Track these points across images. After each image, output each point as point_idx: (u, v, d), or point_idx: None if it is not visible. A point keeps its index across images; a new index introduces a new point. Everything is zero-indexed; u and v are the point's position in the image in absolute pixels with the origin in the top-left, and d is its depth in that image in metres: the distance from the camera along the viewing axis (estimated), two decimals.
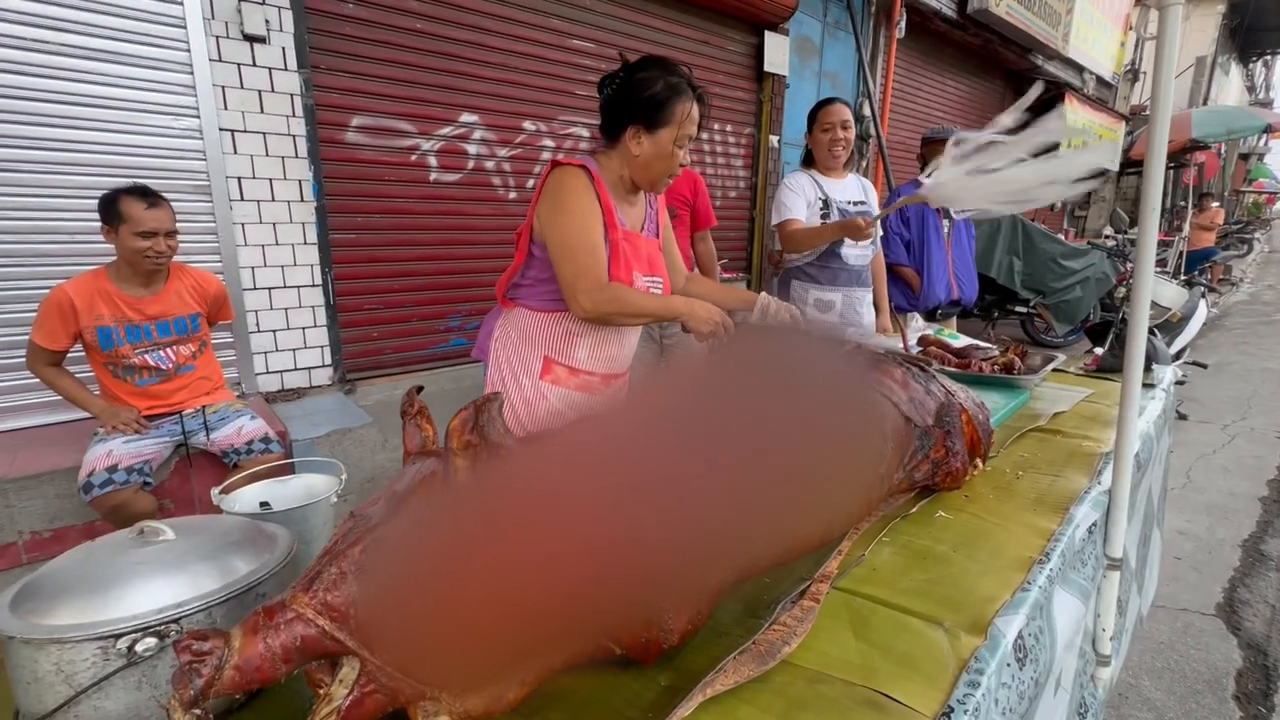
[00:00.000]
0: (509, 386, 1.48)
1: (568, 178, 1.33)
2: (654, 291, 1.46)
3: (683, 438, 0.73)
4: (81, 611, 0.58)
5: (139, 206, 2.00)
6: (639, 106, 1.31)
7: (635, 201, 1.47)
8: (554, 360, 1.44)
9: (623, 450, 0.70)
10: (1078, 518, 0.96)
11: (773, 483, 0.76)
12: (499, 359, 1.51)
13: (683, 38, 4.39)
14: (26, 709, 0.57)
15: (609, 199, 1.37)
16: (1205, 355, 5.68)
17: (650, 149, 1.33)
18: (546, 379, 1.45)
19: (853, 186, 2.42)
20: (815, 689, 0.63)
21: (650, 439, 0.73)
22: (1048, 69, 8.46)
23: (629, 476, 0.66)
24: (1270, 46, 19.78)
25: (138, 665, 0.56)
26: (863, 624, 0.73)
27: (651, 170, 1.36)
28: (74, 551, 0.67)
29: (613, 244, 1.36)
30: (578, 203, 1.32)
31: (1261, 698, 1.84)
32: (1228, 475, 3.34)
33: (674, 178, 1.42)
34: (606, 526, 0.62)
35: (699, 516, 0.67)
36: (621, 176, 1.40)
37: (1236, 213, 18.98)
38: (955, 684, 0.63)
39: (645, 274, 1.43)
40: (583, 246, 1.31)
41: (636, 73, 1.33)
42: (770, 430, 0.79)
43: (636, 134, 1.32)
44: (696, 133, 1.36)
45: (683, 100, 1.31)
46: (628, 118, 1.33)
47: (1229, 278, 10.58)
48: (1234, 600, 2.30)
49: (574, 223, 1.32)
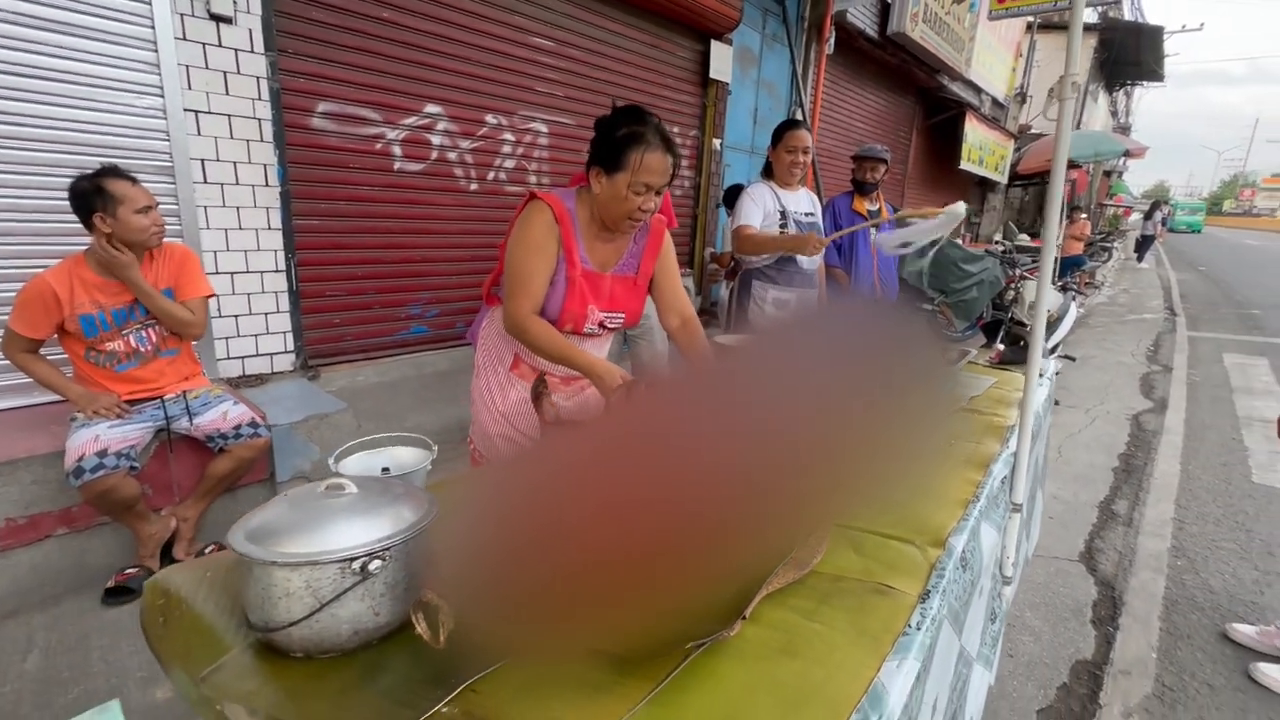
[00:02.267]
0: (487, 372, 1.67)
1: (534, 212, 1.44)
2: (611, 324, 1.56)
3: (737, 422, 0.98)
4: (306, 544, 0.75)
5: (126, 185, 2.00)
6: (600, 149, 1.39)
7: (611, 239, 1.52)
8: (521, 358, 1.61)
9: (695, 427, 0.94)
10: (995, 472, 1.30)
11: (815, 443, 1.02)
12: (484, 346, 1.69)
13: (637, 41, 4.60)
14: (274, 620, 0.73)
15: (572, 237, 1.44)
16: (1074, 350, 6.60)
17: (607, 190, 1.39)
18: (515, 372, 1.63)
19: (805, 199, 2.74)
20: (837, 585, 0.90)
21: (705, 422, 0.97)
22: (952, 89, 9.33)
23: (713, 449, 0.90)
24: (1130, 78, 22.47)
25: (365, 581, 0.74)
26: (859, 546, 1.01)
27: (609, 211, 1.42)
28: (276, 502, 0.82)
29: (569, 280, 1.45)
30: (532, 236, 1.42)
31: (1110, 620, 2.35)
32: (1089, 450, 4.01)
33: (637, 222, 1.44)
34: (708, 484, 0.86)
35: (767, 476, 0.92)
36: (590, 214, 1.47)
37: (1100, 224, 21.52)
38: (928, 578, 0.92)
39: (604, 309, 1.52)
40: (520, 274, 1.42)
41: (609, 118, 1.40)
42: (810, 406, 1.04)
43: (598, 175, 1.40)
44: (664, 181, 1.39)
45: (639, 148, 1.34)
46: (592, 159, 1.42)
47: (1093, 282, 12.10)
48: (1092, 549, 2.86)
49: (520, 252, 1.42)
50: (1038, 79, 13.57)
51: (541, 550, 0.73)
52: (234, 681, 0.73)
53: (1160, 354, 6.85)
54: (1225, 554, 2.83)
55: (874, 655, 0.76)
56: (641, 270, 1.57)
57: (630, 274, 1.56)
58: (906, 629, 0.81)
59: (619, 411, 0.90)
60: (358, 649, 0.77)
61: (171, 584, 0.92)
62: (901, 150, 9.69)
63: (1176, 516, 3.16)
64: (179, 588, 0.91)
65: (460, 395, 3.39)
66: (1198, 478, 3.64)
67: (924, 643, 0.80)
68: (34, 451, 2.05)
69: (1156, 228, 16.79)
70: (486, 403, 1.66)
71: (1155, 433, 4.36)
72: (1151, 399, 5.18)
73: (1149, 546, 2.86)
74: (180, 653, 0.83)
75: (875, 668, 0.73)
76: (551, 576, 0.73)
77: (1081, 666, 2.11)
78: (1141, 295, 11.69)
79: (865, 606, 0.86)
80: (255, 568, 0.73)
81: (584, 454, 0.80)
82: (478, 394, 1.69)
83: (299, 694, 0.71)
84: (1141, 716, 1.89)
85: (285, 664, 0.75)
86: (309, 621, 0.73)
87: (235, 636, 0.81)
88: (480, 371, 1.69)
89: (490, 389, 1.65)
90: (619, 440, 0.86)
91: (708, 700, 0.69)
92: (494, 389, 1.65)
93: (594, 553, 0.74)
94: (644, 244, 1.57)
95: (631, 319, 1.60)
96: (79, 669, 1.80)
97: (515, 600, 0.72)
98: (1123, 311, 9.78)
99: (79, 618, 2.00)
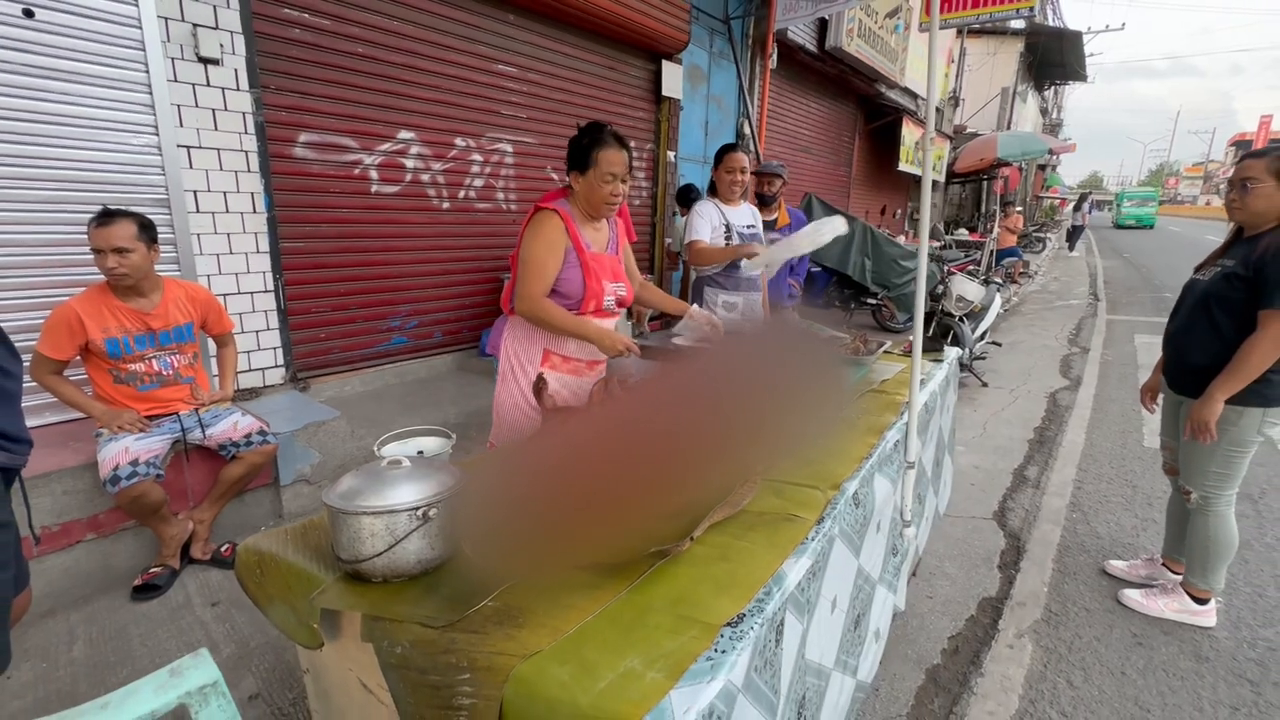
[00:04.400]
0: (516, 373, 1.97)
1: (544, 218, 1.84)
2: (619, 294, 1.98)
3: (691, 407, 1.33)
4: (382, 499, 1.06)
5: (92, 226, 2.19)
6: (573, 156, 1.85)
7: (599, 227, 1.96)
8: (551, 351, 1.94)
9: (661, 410, 1.28)
10: (889, 437, 1.68)
11: (749, 421, 1.38)
12: (508, 353, 1.98)
13: (593, 64, 4.92)
14: (363, 554, 1.03)
15: (576, 230, 1.86)
16: (1003, 336, 7.21)
17: (584, 186, 1.84)
18: (545, 366, 1.94)
19: (746, 213, 3.12)
20: (760, 518, 1.25)
21: (664, 410, 1.31)
22: (889, 95, 9.94)
23: (672, 426, 1.25)
24: (1057, 78, 23.86)
25: (425, 524, 1.05)
26: (779, 492, 1.37)
27: (591, 201, 1.85)
28: (353, 474, 1.12)
29: (584, 263, 1.86)
30: (544, 235, 1.82)
31: (1014, 565, 2.79)
32: (1010, 425, 4.52)
33: (613, 204, 1.87)
34: (666, 453, 1.20)
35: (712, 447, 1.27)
36: (581, 209, 1.89)
37: (1036, 215, 22.82)
38: (824, 509, 1.28)
39: (611, 282, 1.95)
40: (534, 264, 1.81)
41: (576, 135, 1.86)
42: (749, 393, 1.40)
43: (575, 177, 1.86)
44: (624, 171, 1.83)
45: (599, 148, 1.79)
46: (570, 165, 1.86)
47: (1027, 272, 12.97)
48: (1004, 508, 3.32)
49: (535, 247, 1.82)
50: (970, 82, 14.43)
51: (551, 497, 1.05)
52: (336, 599, 1.04)
53: (1081, 337, 7.53)
54: (1113, 506, 3.32)
55: (780, 556, 1.11)
56: (621, 249, 2.02)
57: (614, 254, 1.99)
58: (804, 541, 1.16)
59: (601, 402, 1.23)
60: (420, 574, 1.08)
61: (261, 547, 1.21)
62: (845, 154, 10.27)
63: (1077, 478, 3.66)
64: (269, 548, 1.21)
65: (443, 400, 3.67)
66: (1098, 445, 4.17)
67: (816, 550, 1.15)
68: (63, 465, 2.26)
69: (1084, 217, 17.98)
70: (519, 403, 1.91)
71: (1068, 407, 4.91)
72: (1069, 378, 5.77)
73: (1051, 504, 3.34)
74: (281, 590, 1.13)
75: (780, 562, 1.09)
76: (559, 515, 1.06)
77: (987, 602, 2.53)
78: (1070, 282, 12.59)
79: (779, 529, 1.21)
80: (349, 517, 1.04)
81: (578, 433, 1.13)
82: (507, 397, 1.94)
83: (385, 601, 1.02)
84: (1030, 637, 2.32)
85: (370, 586, 1.06)
86: (388, 554, 1.04)
87: (326, 574, 1.11)
88: (506, 378, 1.95)
89: (524, 391, 1.90)
90: (603, 422, 1.20)
91: (667, 588, 1.03)
92: (526, 391, 1.90)
93: (588, 495, 1.07)
94: (618, 229, 2.02)
95: (629, 289, 2.01)
96: (123, 653, 2.04)
97: (535, 531, 1.04)
98: (1052, 298, 10.56)
99: (112, 613, 2.23)
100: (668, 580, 1.05)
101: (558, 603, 1.00)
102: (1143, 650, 2.23)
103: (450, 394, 3.79)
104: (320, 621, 1.06)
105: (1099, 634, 2.33)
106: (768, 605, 0.97)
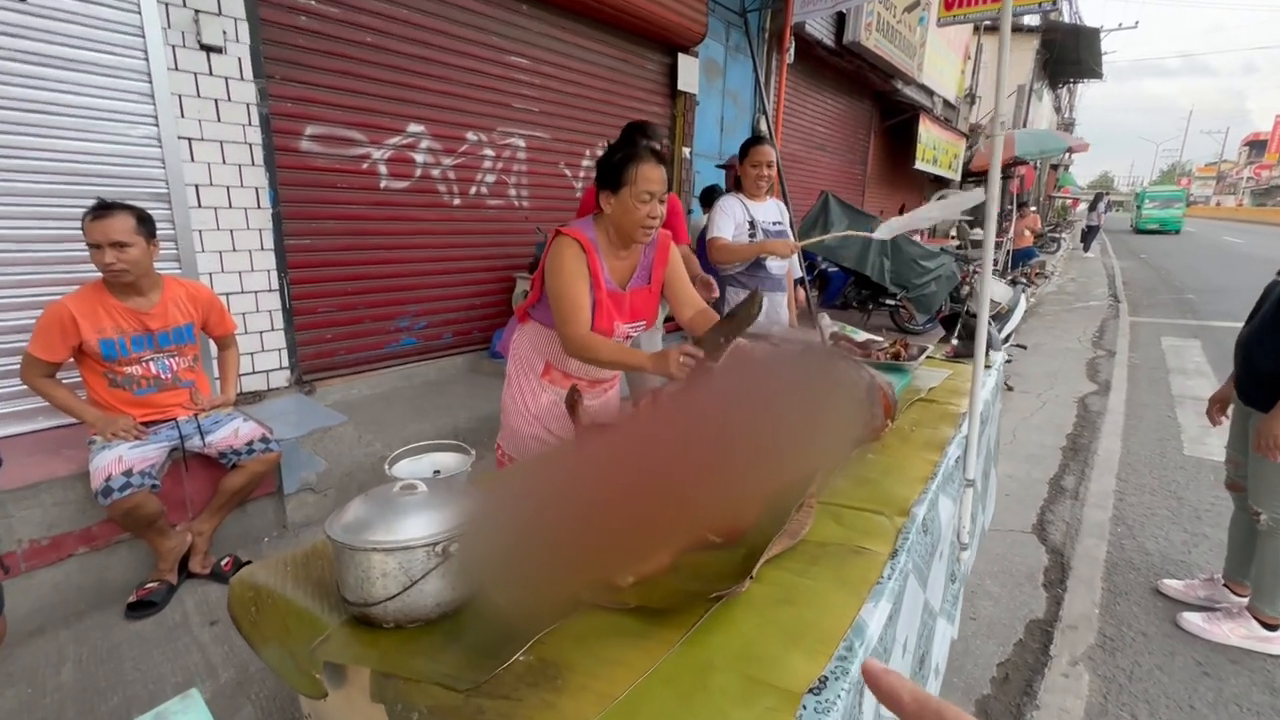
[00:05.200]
0: (520, 379, 1.85)
1: (564, 247, 1.62)
2: (632, 334, 1.78)
3: (731, 423, 1.17)
4: (392, 533, 0.91)
5: (88, 219, 2.05)
6: (604, 175, 1.61)
7: (626, 256, 1.71)
8: (552, 365, 1.81)
9: (700, 426, 1.13)
10: (950, 453, 1.52)
11: (788, 440, 1.22)
12: (516, 357, 1.87)
13: (608, 56, 4.78)
14: (373, 597, 0.89)
15: (597, 262, 1.63)
16: (1025, 338, 7.03)
17: (617, 207, 1.59)
18: (546, 379, 1.82)
19: (772, 209, 2.96)
20: (823, 549, 1.10)
21: (714, 421, 1.16)
22: (906, 92, 9.75)
23: (715, 441, 1.09)
24: (1072, 76, 23.56)
25: (445, 561, 0.91)
26: (839, 518, 1.22)
27: (624, 225, 1.61)
28: (361, 501, 0.97)
29: (598, 301, 1.65)
30: (567, 268, 1.60)
31: (1059, 583, 2.63)
32: (1040, 431, 4.34)
33: (650, 228, 1.61)
34: (711, 467, 1.05)
35: (755, 463, 1.12)
36: (609, 236, 1.67)
37: (1050, 215, 22.54)
38: (896, 540, 1.12)
39: (626, 322, 1.73)
40: (568, 301, 1.60)
41: (606, 150, 1.64)
42: (782, 413, 1.25)
43: (607, 198, 1.61)
44: (663, 189, 1.58)
45: (633, 163, 1.55)
46: (600, 183, 1.63)
47: (1044, 272, 12.73)
48: (1043, 521, 3.14)
49: (563, 284, 1.60)
50: (985, 80, 14.20)
51: (587, 525, 0.90)
52: (341, 650, 0.89)
53: (1104, 339, 7.33)
54: (1159, 520, 3.14)
55: (855, 599, 0.95)
56: (654, 279, 1.78)
57: (644, 285, 1.77)
58: (880, 580, 1.01)
59: (642, 417, 1.08)
60: (439, 618, 0.93)
61: (258, 578, 1.07)
62: (860, 151, 10.09)
63: (1117, 489, 3.48)
64: (266, 581, 1.06)
65: (454, 404, 3.53)
66: (1136, 453, 3.99)
67: (893, 589, 1.00)
68: (54, 474, 2.13)
69: (1100, 217, 17.70)
70: (519, 407, 1.82)
71: (1099, 413, 4.73)
72: (1096, 382, 5.58)
73: (1093, 517, 3.16)
74: (278, 633, 0.98)
75: (857, 608, 0.93)
76: (596, 547, 0.91)
77: (1035, 625, 2.36)
78: (1088, 283, 12.35)
79: (846, 564, 1.05)
80: (357, 554, 0.89)
81: (619, 453, 0.99)
82: (510, 400, 1.86)
83: (398, 653, 0.87)
84: (1086, 664, 2.15)
85: (380, 634, 0.91)
86: (402, 597, 0.89)
87: (329, 615, 0.96)
88: (512, 380, 1.86)
89: (524, 394, 1.82)
90: (642, 442, 1.05)
91: (727, 640, 0.88)
92: (526, 394, 1.82)
93: (630, 524, 0.92)
94: (653, 256, 1.77)
95: (651, 322, 1.82)
96: (114, 678, 1.90)
97: (569, 567, 0.89)
98: (1070, 300, 10.34)
99: (106, 632, 2.09)
100: (727, 628, 0.90)
101: (600, 656, 0.85)
102: (1210, 681, 2.06)
103: (461, 397, 3.65)
104: (323, 670, 0.92)
105: (1160, 662, 2.16)
106: (852, 666, 0.82)
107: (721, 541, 1.08)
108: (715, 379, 1.34)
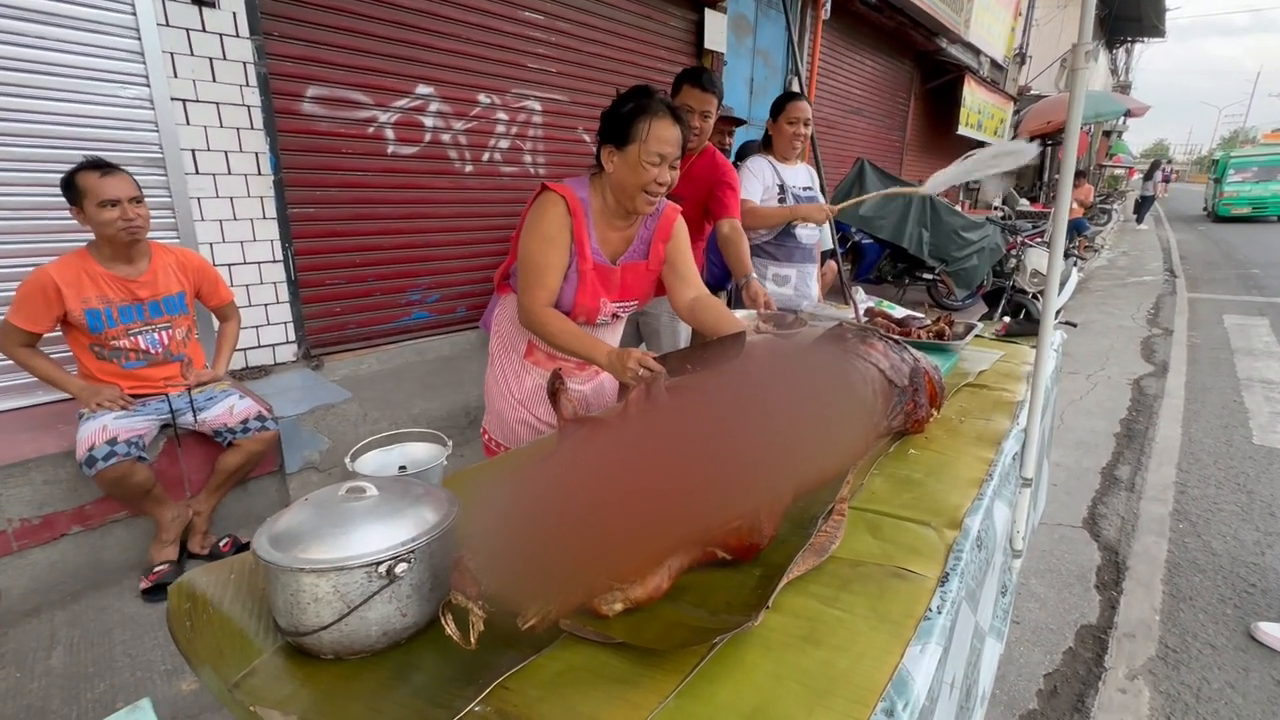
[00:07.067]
0: (502, 358, 1.68)
1: (547, 204, 1.43)
2: (622, 314, 1.59)
3: (744, 413, 0.98)
4: (331, 549, 0.75)
5: (93, 177, 1.96)
6: (609, 127, 1.40)
7: (623, 227, 1.51)
8: (535, 345, 1.61)
9: (708, 419, 0.94)
10: (1006, 449, 1.30)
11: (808, 436, 1.03)
12: (498, 333, 1.69)
13: (628, 12, 4.49)
14: (305, 625, 0.74)
15: (584, 229, 1.44)
16: (1074, 315, 6.60)
17: (621, 166, 1.39)
18: (529, 359, 1.63)
19: (803, 174, 2.70)
20: (856, 570, 0.91)
21: (720, 414, 0.97)
22: (950, 51, 9.15)
23: (720, 437, 0.91)
24: (1131, 34, 22.02)
25: (391, 584, 0.75)
26: (875, 529, 1.02)
27: (625, 187, 1.41)
28: (298, 506, 0.82)
29: (581, 273, 1.45)
30: (544, 228, 1.41)
31: (1114, 584, 2.39)
32: (1090, 416, 4.03)
33: (653, 197, 1.42)
34: (718, 469, 0.86)
35: (771, 462, 0.93)
36: (604, 200, 1.47)
37: (1100, 185, 21.31)
38: (946, 560, 0.93)
39: (615, 299, 1.54)
40: (533, 266, 1.42)
41: (615, 100, 1.42)
42: (800, 401, 1.05)
43: (610, 154, 1.41)
44: (676, 154, 1.39)
45: (646, 117, 1.35)
46: (603, 138, 1.42)
47: (1093, 245, 12.04)
48: (1095, 515, 2.89)
49: (534, 245, 1.42)
50: (1037, 38, 13.29)
51: (574, 534, 0.73)
52: (268, 686, 0.74)
53: (1161, 317, 6.85)
54: (1226, 516, 2.86)
55: (897, 641, 0.76)
56: (652, 254, 1.56)
57: (640, 260, 1.56)
58: (928, 613, 0.82)
59: (641, 412, 0.90)
60: (388, 649, 0.78)
61: (197, 587, 0.93)
62: (899, 116, 9.55)
63: (1178, 480, 3.19)
64: (205, 590, 0.92)
65: (465, 380, 3.39)
66: (1199, 441, 3.67)
67: (945, 626, 0.81)
68: (43, 451, 2.05)
69: (1156, 187, 16.64)
70: (503, 390, 1.66)
71: (1156, 396, 4.38)
72: (1152, 362, 5.19)
73: (1151, 511, 2.90)
74: (211, 655, 0.83)
75: (899, 653, 0.74)
76: (576, 565, 0.74)
77: (1086, 631, 2.15)
78: (1141, 257, 11.64)
79: (885, 591, 0.86)
80: (283, 574, 0.73)
81: (608, 451, 0.81)
82: (493, 382, 1.70)
83: (333, 696, 0.72)
84: (1146, 678, 1.94)
85: (317, 666, 0.76)
86: (338, 625, 0.73)
87: (264, 639, 0.81)
88: (495, 360, 1.69)
89: (506, 376, 1.66)
90: (637, 439, 0.87)
91: (735, 691, 0.70)
92: (509, 376, 1.65)
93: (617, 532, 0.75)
94: (654, 229, 1.55)
95: (644, 302, 1.63)
96: (104, 664, 1.83)
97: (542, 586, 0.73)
98: (1123, 274, 9.75)
99: (100, 614, 2.03)
100: (733, 673, 0.73)
101: (575, 710, 0.68)
102: None
103: (474, 374, 3.51)
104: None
105: (1232, 679, 1.93)
106: None
107: (733, 560, 0.91)
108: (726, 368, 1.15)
